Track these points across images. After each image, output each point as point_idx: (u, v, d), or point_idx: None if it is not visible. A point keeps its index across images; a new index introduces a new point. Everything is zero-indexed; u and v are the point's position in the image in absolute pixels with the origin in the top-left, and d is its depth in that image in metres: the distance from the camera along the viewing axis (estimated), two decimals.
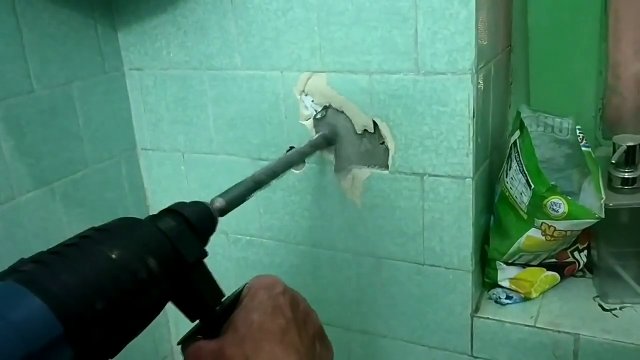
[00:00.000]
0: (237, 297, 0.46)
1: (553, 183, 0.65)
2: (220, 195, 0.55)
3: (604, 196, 0.66)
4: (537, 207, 0.67)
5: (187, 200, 0.47)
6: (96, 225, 0.40)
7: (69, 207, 0.80)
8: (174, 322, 1.00)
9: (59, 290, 0.34)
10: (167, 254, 0.41)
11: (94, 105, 0.83)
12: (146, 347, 0.96)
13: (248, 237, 0.87)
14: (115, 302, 0.36)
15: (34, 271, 0.35)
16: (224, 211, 0.54)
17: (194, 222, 0.45)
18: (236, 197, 0.56)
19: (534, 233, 0.69)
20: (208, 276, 0.45)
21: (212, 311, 0.45)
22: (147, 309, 0.39)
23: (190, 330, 0.46)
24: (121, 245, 0.38)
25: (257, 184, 0.61)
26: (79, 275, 0.35)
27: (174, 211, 0.45)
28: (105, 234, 0.39)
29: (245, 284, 0.47)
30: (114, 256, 0.37)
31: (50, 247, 0.37)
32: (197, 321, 0.46)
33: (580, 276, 0.80)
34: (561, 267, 0.76)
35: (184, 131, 0.86)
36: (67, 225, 0.80)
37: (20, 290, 0.33)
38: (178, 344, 0.46)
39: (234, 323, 0.44)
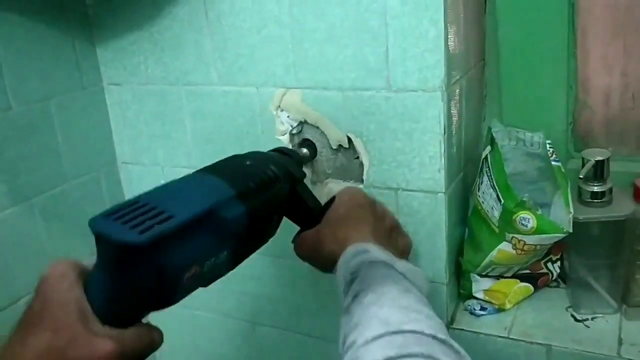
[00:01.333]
0: (330, 202, 0.63)
1: (522, 199, 0.67)
2: (304, 147, 0.75)
3: (572, 211, 0.67)
4: (507, 222, 0.68)
5: None
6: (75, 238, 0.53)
7: (48, 222, 0.81)
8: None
9: (227, 172, 0.53)
10: (281, 167, 0.59)
11: (72, 121, 0.83)
12: None
13: None
14: (259, 184, 0.54)
15: (215, 166, 0.57)
16: (308, 159, 0.75)
17: (295, 158, 0.65)
18: (307, 154, 0.76)
19: (505, 247, 0.70)
20: (308, 190, 0.64)
21: (312, 212, 0.63)
22: (277, 197, 0.57)
23: (299, 230, 0.64)
24: (253, 158, 0.59)
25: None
26: (236, 168, 0.57)
27: (280, 150, 0.66)
28: (242, 155, 0.61)
29: (335, 195, 0.64)
30: (248, 162, 0.58)
31: (29, 261, 0.56)
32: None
33: (555, 286, 0.81)
34: (535, 278, 0.77)
35: (163, 145, 0.87)
36: (47, 240, 0.80)
37: (208, 175, 0.54)
38: (292, 242, 0.64)
39: (327, 216, 0.61)
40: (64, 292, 0.44)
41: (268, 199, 0.55)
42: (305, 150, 0.75)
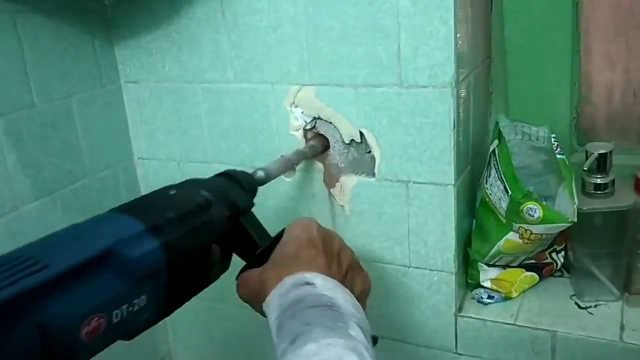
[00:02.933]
0: (279, 236, 0.56)
1: (529, 189, 0.70)
2: (261, 169, 0.66)
3: (576, 201, 0.70)
4: (514, 212, 0.71)
5: None
6: None
7: (69, 215, 0.83)
8: (172, 324, 1.03)
9: (136, 207, 0.48)
10: (219, 191, 0.53)
11: (92, 118, 0.86)
12: (145, 347, 0.99)
13: None
14: (181, 214, 0.48)
15: (125, 204, 0.49)
16: (263, 181, 0.66)
17: (243, 183, 0.58)
18: (273, 171, 0.68)
19: (512, 236, 0.73)
20: (256, 222, 0.57)
21: (257, 247, 0.55)
22: (209, 225, 0.51)
23: (244, 266, 0.56)
24: (179, 187, 0.53)
25: (289, 162, 0.72)
26: (150, 202, 0.51)
27: (226, 174, 0.59)
28: (170, 186, 0.54)
29: (286, 226, 0.57)
30: (172, 192, 0.52)
31: None
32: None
33: (559, 276, 0.84)
34: (540, 268, 0.80)
35: (179, 141, 0.89)
36: None
37: (114, 213, 0.47)
38: (236, 279, 0.56)
39: (274, 254, 0.54)
40: None
41: (195, 228, 0.49)
42: (260, 173, 0.66)
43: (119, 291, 0.42)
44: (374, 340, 0.49)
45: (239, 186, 0.57)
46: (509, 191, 0.71)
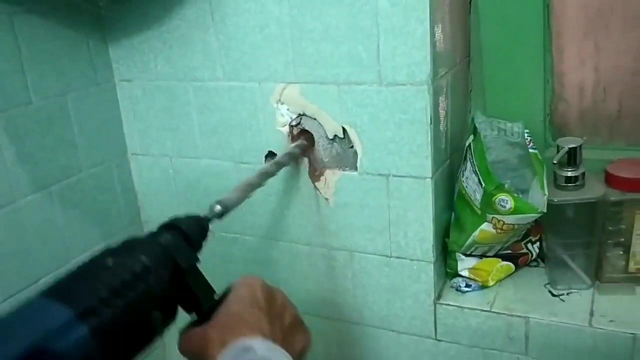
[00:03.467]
0: (224, 294, 0.56)
1: (501, 182, 0.73)
2: (218, 202, 0.64)
3: (546, 193, 0.74)
4: (487, 204, 0.74)
5: (177, 202, 0.56)
6: (89, 223, 0.49)
7: (65, 209, 0.87)
8: None
9: (64, 289, 0.45)
10: (160, 253, 0.51)
11: (87, 115, 0.89)
12: None
13: (232, 235, 0.94)
14: (116, 288, 0.46)
15: (55, 286, 0.46)
16: (222, 214, 0.64)
17: (189, 234, 0.55)
18: (232, 202, 0.66)
19: (486, 227, 0.77)
20: (201, 279, 0.55)
21: (202, 306, 0.54)
22: (148, 294, 0.48)
23: (189, 322, 0.55)
24: (116, 254, 0.49)
25: (250, 186, 0.71)
26: (82, 279, 0.47)
27: (170, 226, 0.55)
28: (107, 251, 0.50)
29: (231, 285, 0.58)
30: (109, 263, 0.48)
31: (48, 245, 0.47)
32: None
33: (535, 266, 0.87)
34: (515, 258, 0.84)
35: (171, 137, 0.93)
36: (64, 226, 0.87)
37: (42, 300, 0.44)
38: (179, 333, 0.55)
39: (219, 313, 0.54)
40: None
41: (131, 302, 0.46)
42: (218, 208, 0.64)
43: None
44: None
45: (183, 240, 0.55)
46: (483, 183, 0.74)
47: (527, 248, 0.84)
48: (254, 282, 0.58)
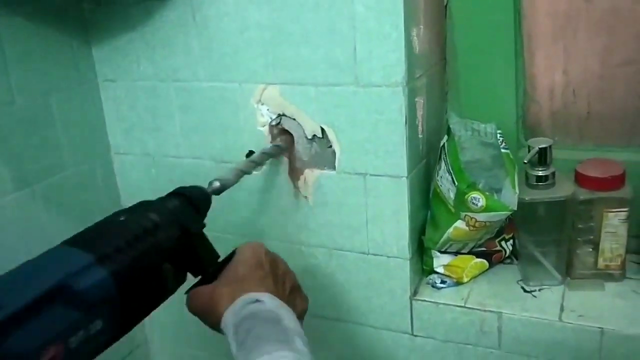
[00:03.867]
0: (229, 257, 0.62)
1: (473, 181, 0.76)
2: (217, 179, 0.70)
3: (517, 191, 0.76)
4: (461, 202, 0.77)
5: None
6: (72, 221, 0.53)
7: (48, 207, 0.88)
8: None
9: (84, 239, 0.50)
10: (169, 213, 0.56)
11: (70, 114, 0.91)
12: None
13: (214, 234, 0.94)
14: (130, 240, 0.51)
15: (75, 236, 0.51)
16: (220, 191, 0.70)
17: (194, 201, 0.60)
18: (229, 180, 0.72)
19: (459, 224, 0.79)
20: (206, 242, 0.61)
21: (208, 267, 0.60)
22: (158, 247, 0.53)
23: (194, 283, 0.60)
24: (128, 213, 0.55)
25: (242, 171, 0.77)
26: (99, 231, 0.52)
27: (178, 193, 0.61)
28: (123, 210, 0.56)
29: (236, 248, 0.63)
30: (122, 218, 0.54)
31: (30, 243, 0.50)
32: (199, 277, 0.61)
33: (509, 263, 0.89)
34: (489, 255, 0.86)
35: (153, 137, 0.94)
36: (47, 223, 0.88)
37: (64, 247, 0.49)
38: (185, 293, 0.60)
39: (225, 273, 0.60)
40: None
41: (143, 252, 0.52)
42: (216, 184, 0.70)
43: (73, 321, 0.45)
44: None
45: (190, 206, 0.60)
46: (456, 182, 0.77)
47: (501, 245, 0.87)
48: (258, 246, 0.63)
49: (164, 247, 0.54)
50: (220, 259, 0.63)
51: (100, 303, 0.47)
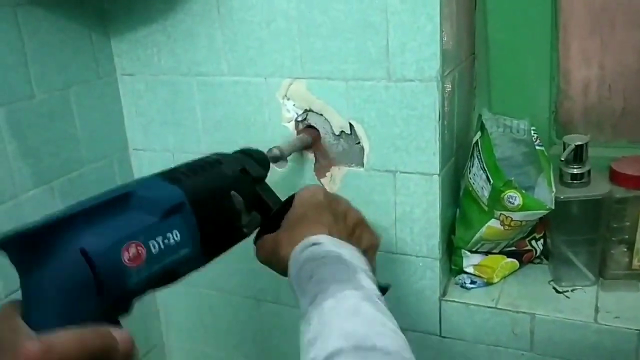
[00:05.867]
0: (290, 200, 0.62)
1: (509, 178, 0.73)
2: (276, 147, 0.74)
3: (554, 190, 0.74)
4: (496, 200, 0.75)
5: None
6: None
7: (67, 203, 0.85)
8: (164, 312, 1.06)
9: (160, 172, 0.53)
10: (233, 159, 0.61)
11: (89, 109, 0.88)
12: (137, 335, 1.01)
13: None
14: (191, 166, 0.55)
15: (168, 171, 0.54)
16: (278, 158, 0.74)
17: (256, 158, 0.64)
18: (286, 149, 0.76)
19: (493, 223, 0.77)
20: (268, 188, 0.63)
21: (271, 211, 0.61)
22: (222, 173, 0.57)
23: (258, 231, 0.62)
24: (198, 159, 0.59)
25: (299, 142, 0.80)
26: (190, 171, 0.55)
27: (242, 151, 0.65)
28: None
29: (295, 193, 0.63)
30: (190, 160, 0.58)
31: None
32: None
33: (538, 263, 0.88)
34: (520, 255, 0.84)
35: (173, 132, 0.92)
36: None
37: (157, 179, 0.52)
38: (254, 243, 0.62)
39: (286, 218, 0.60)
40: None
41: (208, 175, 0.55)
42: (275, 151, 0.74)
43: (148, 224, 0.47)
44: (385, 289, 0.54)
45: (253, 160, 0.63)
46: (491, 180, 0.74)
47: (532, 245, 0.85)
48: (317, 189, 0.63)
49: (228, 175, 0.57)
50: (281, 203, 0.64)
51: (171, 211, 0.48)
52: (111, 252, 0.43)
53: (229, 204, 0.56)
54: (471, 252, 0.82)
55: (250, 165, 0.62)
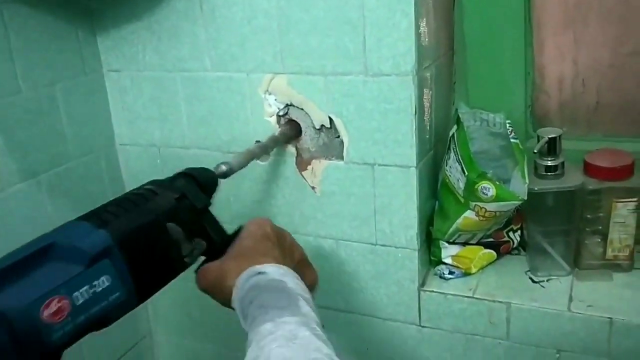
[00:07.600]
0: (235, 233, 0.62)
1: (483, 170, 0.75)
2: (224, 163, 0.70)
3: (527, 181, 0.76)
4: (470, 191, 0.76)
5: None
6: (78, 212, 0.54)
7: (54, 197, 0.87)
8: (151, 303, 1.07)
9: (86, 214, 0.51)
10: (169, 188, 0.57)
11: (75, 105, 0.90)
12: (126, 326, 1.03)
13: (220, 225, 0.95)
14: (119, 201, 0.53)
15: (95, 212, 0.51)
16: (226, 175, 0.70)
17: (201, 181, 0.61)
18: (236, 164, 0.72)
19: (469, 214, 0.79)
20: (213, 219, 0.61)
21: (215, 243, 0.60)
22: (157, 204, 0.54)
23: (201, 262, 0.60)
24: (138, 188, 0.57)
25: (252, 153, 0.77)
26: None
27: (184, 173, 0.61)
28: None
29: (242, 225, 0.63)
30: (122, 194, 0.55)
31: (36, 233, 0.51)
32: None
33: (516, 254, 0.89)
34: (497, 246, 0.86)
35: (159, 127, 0.94)
36: (53, 214, 0.87)
37: (83, 223, 0.49)
38: (194, 272, 0.60)
39: (232, 248, 0.60)
40: None
41: (138, 210, 0.52)
42: (223, 167, 0.70)
43: (72, 275, 0.45)
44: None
45: (196, 186, 0.60)
46: (466, 172, 0.76)
47: (509, 236, 0.86)
48: (263, 221, 0.63)
49: (162, 206, 0.54)
50: (228, 235, 0.63)
51: (99, 257, 0.46)
52: (30, 311, 0.42)
53: (166, 237, 0.54)
54: (449, 243, 0.84)
55: (191, 191, 0.59)
